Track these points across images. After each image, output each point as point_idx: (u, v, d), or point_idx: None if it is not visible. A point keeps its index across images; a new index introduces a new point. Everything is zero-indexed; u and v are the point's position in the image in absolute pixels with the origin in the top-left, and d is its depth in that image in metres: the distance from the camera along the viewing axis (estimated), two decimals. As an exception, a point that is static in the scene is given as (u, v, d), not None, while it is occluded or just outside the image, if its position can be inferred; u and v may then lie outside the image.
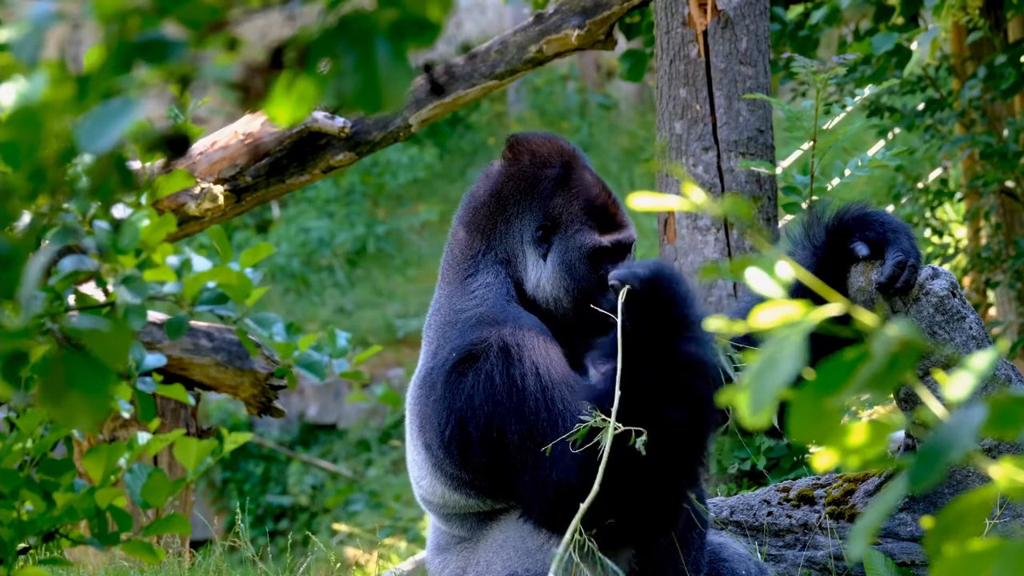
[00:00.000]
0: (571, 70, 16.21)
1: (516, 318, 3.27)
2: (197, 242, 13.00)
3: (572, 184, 3.39)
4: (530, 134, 3.50)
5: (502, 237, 3.40)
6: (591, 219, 3.37)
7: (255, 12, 1.40)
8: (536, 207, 3.38)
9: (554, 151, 3.43)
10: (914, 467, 1.37)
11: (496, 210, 3.41)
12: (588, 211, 3.37)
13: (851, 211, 3.47)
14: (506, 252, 3.40)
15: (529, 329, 3.23)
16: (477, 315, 3.30)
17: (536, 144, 3.45)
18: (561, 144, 3.46)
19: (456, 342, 3.25)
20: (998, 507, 3.57)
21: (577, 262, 3.35)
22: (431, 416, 3.27)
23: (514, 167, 3.42)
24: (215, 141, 5.73)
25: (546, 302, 3.36)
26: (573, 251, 3.35)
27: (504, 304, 3.33)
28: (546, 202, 3.38)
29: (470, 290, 3.37)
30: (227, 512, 11.94)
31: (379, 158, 15.39)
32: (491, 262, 3.39)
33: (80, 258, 1.86)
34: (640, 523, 3.12)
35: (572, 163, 3.41)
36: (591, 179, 3.41)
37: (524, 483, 3.16)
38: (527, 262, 3.38)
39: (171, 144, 1.49)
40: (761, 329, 1.44)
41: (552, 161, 3.41)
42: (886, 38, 6.76)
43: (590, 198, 3.38)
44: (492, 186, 3.43)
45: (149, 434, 2.34)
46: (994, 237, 7.73)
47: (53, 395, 1.60)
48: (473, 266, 3.40)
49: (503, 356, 3.17)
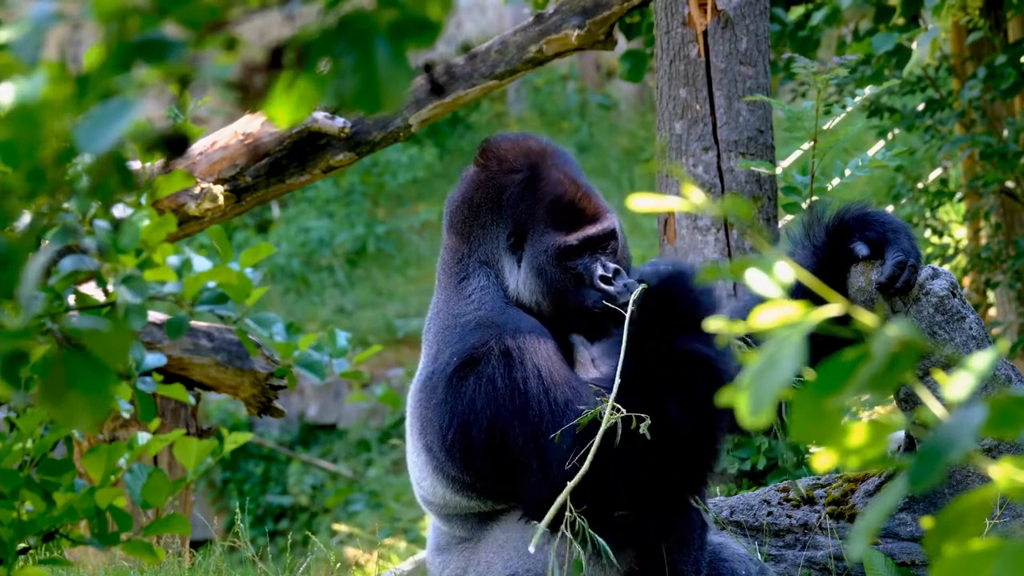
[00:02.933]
0: (571, 70, 16.21)
1: (515, 321, 3.27)
2: (197, 242, 13.00)
3: (538, 187, 3.36)
4: (500, 138, 3.48)
5: (480, 242, 3.40)
6: (557, 220, 3.34)
7: (254, 12, 1.40)
8: (506, 215, 3.37)
9: (521, 154, 3.41)
10: (914, 467, 1.37)
11: (470, 216, 3.41)
12: (553, 212, 3.34)
13: (851, 211, 3.47)
14: (487, 256, 3.40)
15: (529, 332, 3.23)
16: (476, 319, 3.30)
17: (504, 149, 3.42)
18: (529, 145, 3.43)
19: (456, 346, 3.25)
20: (998, 507, 3.57)
21: (547, 265, 3.33)
22: (433, 419, 3.27)
23: (483, 174, 3.42)
24: (215, 141, 5.73)
25: (529, 305, 3.36)
26: (541, 255, 3.33)
27: (503, 307, 3.33)
28: (514, 209, 3.36)
29: (466, 293, 3.37)
30: (227, 512, 11.94)
31: (379, 158, 15.39)
32: (477, 264, 3.40)
33: (80, 258, 1.86)
34: (642, 520, 3.12)
35: (539, 164, 3.38)
36: (558, 178, 3.37)
37: (529, 485, 3.17)
38: (505, 268, 3.38)
39: (170, 144, 1.49)
40: (761, 329, 1.44)
41: (518, 165, 3.39)
42: (886, 38, 6.76)
43: (555, 198, 3.34)
44: (464, 192, 3.44)
45: (149, 434, 2.34)
46: (994, 237, 7.73)
47: (53, 395, 1.60)
48: (463, 269, 3.41)
49: (504, 359, 3.17)
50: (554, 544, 3.12)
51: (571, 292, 3.32)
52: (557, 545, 3.15)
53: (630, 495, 3.08)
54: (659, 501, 3.11)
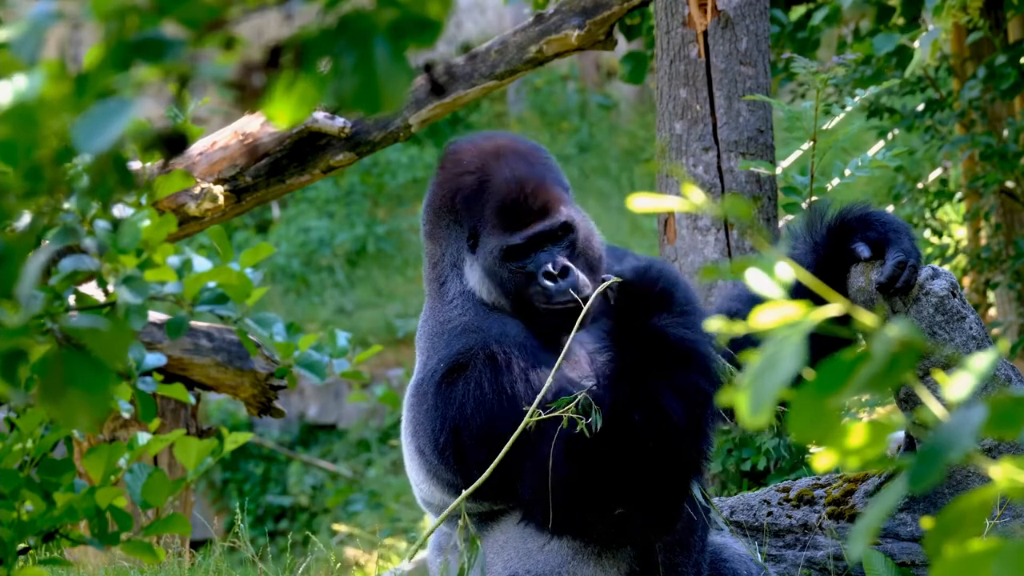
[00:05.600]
0: (571, 70, 16.21)
1: (500, 323, 3.27)
2: (197, 242, 13.00)
3: (486, 188, 3.32)
4: (461, 140, 3.46)
5: (448, 246, 3.40)
6: (502, 220, 3.30)
7: (253, 11, 1.40)
8: (462, 217, 3.35)
9: (475, 155, 3.37)
10: (914, 467, 1.36)
11: (436, 220, 3.41)
12: (499, 213, 3.30)
13: (854, 211, 3.47)
14: (455, 259, 3.39)
15: (513, 335, 3.23)
16: (462, 324, 3.30)
17: (460, 152, 3.40)
18: (483, 146, 3.39)
19: (443, 352, 3.26)
20: (998, 507, 3.57)
21: (495, 266, 3.31)
22: (424, 424, 3.28)
23: (442, 177, 3.40)
24: (215, 141, 5.72)
25: (495, 305, 3.35)
26: (489, 256, 3.31)
27: (486, 311, 3.32)
28: (468, 211, 3.34)
29: (448, 299, 3.37)
30: (227, 512, 11.94)
31: (379, 158, 15.39)
32: (450, 268, 3.40)
33: (80, 258, 1.86)
34: (640, 514, 3.13)
35: (489, 164, 3.34)
36: (506, 176, 3.32)
37: (524, 488, 3.17)
38: (468, 270, 3.37)
39: (168, 143, 1.49)
40: (761, 329, 1.44)
41: (471, 167, 3.36)
42: (887, 38, 6.76)
43: (500, 198, 3.31)
44: (428, 198, 3.44)
45: (149, 434, 2.34)
46: (994, 238, 7.73)
47: (53, 395, 1.60)
48: (441, 274, 3.41)
49: (490, 364, 3.17)
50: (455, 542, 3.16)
51: (524, 291, 3.31)
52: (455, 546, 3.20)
53: (626, 488, 3.09)
54: (655, 493, 3.11)
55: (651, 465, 3.07)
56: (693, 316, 3.11)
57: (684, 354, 3.07)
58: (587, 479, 3.08)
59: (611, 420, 3.04)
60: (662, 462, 3.08)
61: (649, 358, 3.07)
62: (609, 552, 3.25)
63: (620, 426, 3.04)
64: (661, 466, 3.08)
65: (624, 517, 3.12)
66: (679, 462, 3.10)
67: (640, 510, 3.12)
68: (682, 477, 3.13)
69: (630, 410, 3.04)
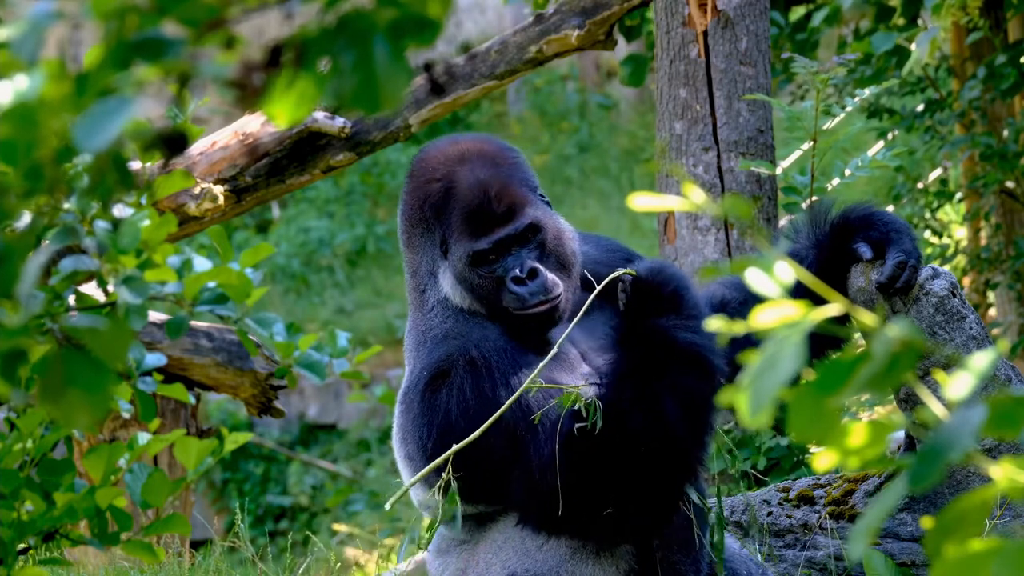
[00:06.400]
0: (571, 70, 16.20)
1: (480, 328, 3.27)
2: (197, 242, 13.00)
3: (451, 194, 3.31)
4: (429, 146, 3.43)
5: (423, 253, 3.39)
6: (468, 226, 3.28)
7: (253, 11, 1.40)
8: (433, 226, 3.34)
9: (441, 162, 3.35)
10: (914, 467, 1.36)
11: (410, 229, 3.40)
12: (464, 219, 3.29)
13: (857, 210, 3.48)
14: (430, 266, 3.39)
15: (493, 339, 3.22)
16: (442, 331, 3.30)
17: (427, 159, 3.38)
18: (449, 151, 3.36)
19: (426, 360, 3.27)
20: (998, 507, 3.57)
21: (466, 272, 3.29)
22: (412, 431, 3.29)
23: (410, 185, 3.39)
24: (215, 141, 5.72)
25: (471, 310, 3.34)
26: (459, 263, 3.30)
27: (466, 317, 3.32)
28: (437, 219, 3.32)
29: (428, 307, 3.37)
30: (227, 512, 11.94)
31: (379, 158, 15.39)
32: (427, 275, 3.39)
33: (80, 258, 1.86)
34: (633, 515, 3.13)
35: (455, 170, 3.32)
36: (470, 181, 3.30)
37: (516, 490, 3.18)
38: (443, 277, 3.37)
39: (168, 143, 1.49)
40: (761, 329, 1.44)
41: (436, 174, 3.34)
42: (886, 38, 6.76)
43: (465, 204, 3.29)
44: (401, 207, 3.42)
45: (149, 434, 2.34)
46: (994, 238, 7.73)
47: (53, 395, 1.60)
48: (420, 282, 3.40)
49: (471, 369, 3.17)
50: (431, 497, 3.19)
51: (496, 296, 3.29)
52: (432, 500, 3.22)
53: (620, 490, 3.09)
54: (649, 496, 3.11)
55: (647, 468, 3.07)
56: (701, 320, 3.11)
57: (691, 358, 3.06)
58: (582, 480, 3.08)
59: (610, 421, 3.03)
60: (659, 466, 3.07)
61: (656, 360, 3.06)
62: (608, 551, 3.25)
63: (619, 428, 3.04)
64: (658, 470, 3.08)
65: (617, 517, 3.12)
66: (676, 467, 3.10)
67: (634, 511, 3.12)
68: (678, 481, 3.13)
69: (631, 413, 3.03)
